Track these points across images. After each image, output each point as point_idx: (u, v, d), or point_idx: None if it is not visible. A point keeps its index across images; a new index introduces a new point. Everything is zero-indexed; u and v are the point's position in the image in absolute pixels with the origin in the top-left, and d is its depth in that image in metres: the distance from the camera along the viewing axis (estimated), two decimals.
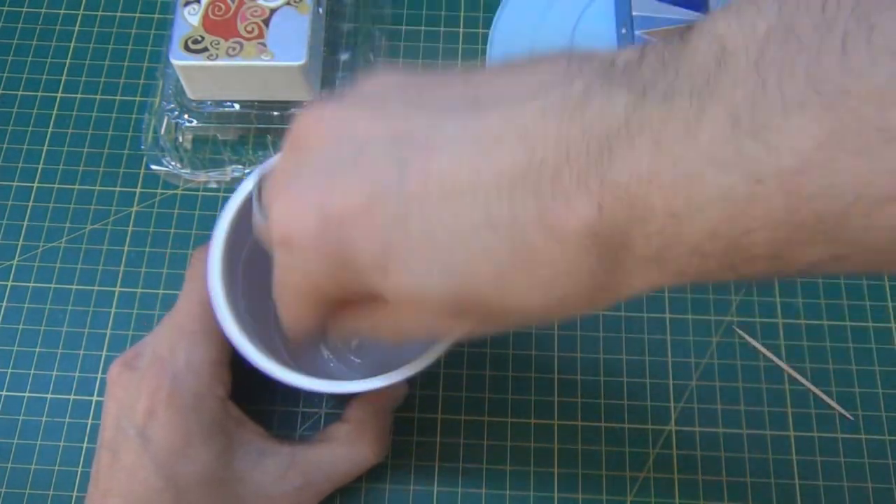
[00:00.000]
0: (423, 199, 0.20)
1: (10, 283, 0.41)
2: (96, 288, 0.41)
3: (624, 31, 0.43)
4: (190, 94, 0.42)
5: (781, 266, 0.18)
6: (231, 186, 0.43)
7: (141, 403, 0.29)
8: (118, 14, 0.47)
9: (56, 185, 0.43)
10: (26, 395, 0.39)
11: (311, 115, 0.22)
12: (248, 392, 0.32)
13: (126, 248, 0.41)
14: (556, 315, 0.21)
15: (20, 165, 0.44)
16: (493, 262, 0.20)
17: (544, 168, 0.18)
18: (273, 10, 0.41)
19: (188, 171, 0.42)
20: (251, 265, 0.32)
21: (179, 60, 0.40)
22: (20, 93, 0.45)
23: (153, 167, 0.43)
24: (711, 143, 0.17)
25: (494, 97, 0.20)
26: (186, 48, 0.40)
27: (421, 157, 0.20)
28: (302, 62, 0.39)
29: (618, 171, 0.18)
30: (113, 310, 0.40)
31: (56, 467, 0.37)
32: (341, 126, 0.21)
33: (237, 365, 0.31)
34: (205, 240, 0.42)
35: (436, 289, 0.20)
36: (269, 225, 0.22)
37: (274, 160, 0.24)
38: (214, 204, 0.42)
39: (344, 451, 0.33)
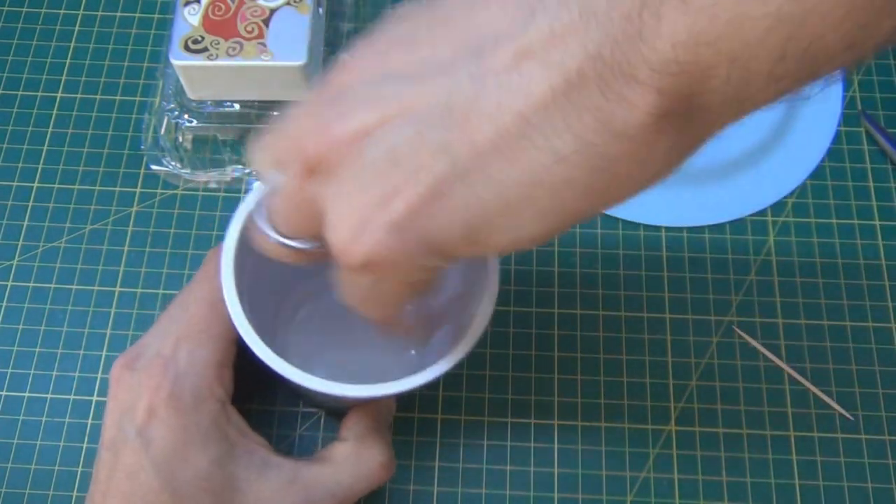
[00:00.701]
0: (483, 167, 0.19)
1: (10, 283, 0.41)
2: (96, 288, 0.41)
3: None
4: (190, 94, 0.42)
5: (860, 50, 0.17)
6: (231, 186, 0.43)
7: (142, 403, 0.29)
8: (118, 14, 0.47)
9: (56, 185, 0.43)
10: (26, 395, 0.39)
11: (314, 135, 0.21)
12: (248, 392, 0.32)
13: (126, 248, 0.41)
14: (654, 185, 0.20)
15: (20, 165, 0.44)
16: (575, 189, 0.19)
17: (584, 79, 0.17)
18: (273, 10, 0.41)
19: (188, 171, 0.42)
20: (257, 269, 0.32)
21: (179, 60, 0.40)
22: (20, 93, 0.45)
23: (153, 167, 0.43)
24: None
25: (492, 34, 0.19)
26: (186, 48, 0.40)
27: (456, 127, 0.19)
28: (302, 62, 0.39)
29: (660, 49, 0.17)
30: (113, 310, 0.40)
31: (56, 467, 0.37)
32: (353, 131, 0.20)
33: (239, 366, 0.31)
34: (205, 240, 0.42)
35: (533, 233, 0.20)
36: (339, 255, 0.21)
37: (273, 184, 0.24)
38: (214, 204, 0.42)
39: (346, 468, 0.32)
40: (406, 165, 0.19)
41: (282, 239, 0.24)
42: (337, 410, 0.37)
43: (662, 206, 0.42)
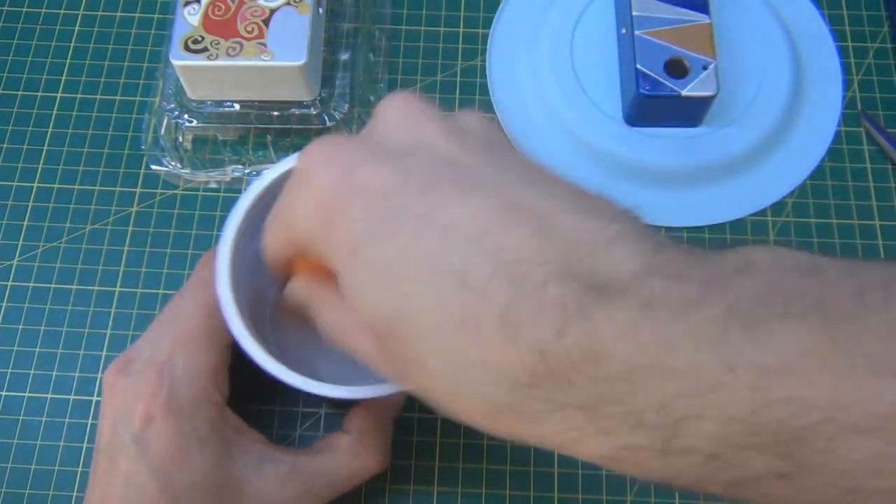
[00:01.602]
0: (427, 218, 0.20)
1: (10, 283, 0.41)
2: (96, 288, 0.41)
3: (624, 31, 0.43)
4: (190, 94, 0.42)
5: (715, 471, 0.17)
6: (231, 186, 0.43)
7: (138, 409, 0.29)
8: (118, 14, 0.47)
9: (56, 185, 0.43)
10: (26, 395, 0.39)
11: (404, 100, 0.24)
12: (248, 392, 0.32)
13: (126, 248, 0.41)
14: (450, 408, 0.21)
15: (20, 165, 0.44)
16: (438, 310, 0.19)
17: (539, 270, 0.18)
18: (273, 10, 0.41)
19: (188, 171, 0.42)
20: (253, 273, 0.32)
21: (179, 60, 0.40)
22: (20, 93, 0.45)
23: (153, 167, 0.43)
24: (700, 322, 0.17)
25: (549, 188, 0.21)
26: (186, 48, 0.40)
27: (457, 186, 0.20)
28: (302, 62, 0.39)
29: (597, 310, 0.18)
30: (113, 310, 0.40)
31: (56, 467, 0.37)
32: (422, 129, 0.22)
33: (238, 367, 0.31)
34: (205, 240, 0.42)
35: (376, 297, 0.21)
36: (304, 150, 0.23)
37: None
38: (214, 204, 0.42)
39: (347, 460, 0.32)
40: (402, 164, 0.21)
41: None
42: (342, 404, 0.37)
43: (663, 206, 0.42)
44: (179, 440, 0.28)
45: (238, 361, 0.31)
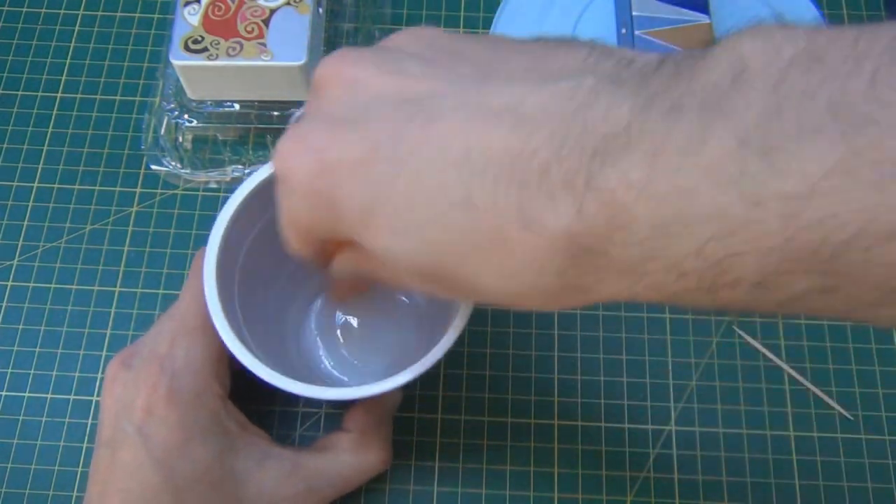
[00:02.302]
0: (413, 166, 0.20)
1: (10, 283, 0.41)
2: (96, 288, 0.41)
3: (624, 31, 0.43)
4: (190, 94, 0.42)
5: (763, 295, 0.18)
6: (231, 186, 0.43)
7: (139, 401, 0.29)
8: (118, 14, 0.47)
9: (56, 185, 0.43)
10: (26, 395, 0.39)
11: (332, 61, 0.23)
12: (248, 392, 0.32)
13: (126, 248, 0.41)
14: (518, 305, 0.21)
15: (20, 165, 0.44)
16: (464, 241, 0.20)
17: (534, 159, 0.18)
18: (273, 10, 0.41)
19: (188, 171, 0.42)
20: (248, 267, 0.32)
21: (179, 60, 0.40)
22: (20, 93, 0.45)
23: (153, 167, 0.43)
24: (713, 159, 0.17)
25: (506, 75, 0.20)
26: (186, 48, 0.40)
27: (420, 123, 0.20)
28: (302, 62, 0.39)
29: (606, 176, 0.17)
30: (113, 310, 0.40)
31: (56, 467, 0.37)
32: (356, 78, 0.22)
33: (238, 367, 0.31)
34: (205, 240, 0.42)
35: (407, 253, 0.21)
36: (273, 160, 0.23)
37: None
38: (214, 204, 0.42)
39: (348, 459, 0.32)
40: (365, 124, 0.21)
41: None
42: (340, 404, 0.37)
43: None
44: (181, 431, 0.29)
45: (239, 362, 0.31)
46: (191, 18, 0.41)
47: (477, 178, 0.19)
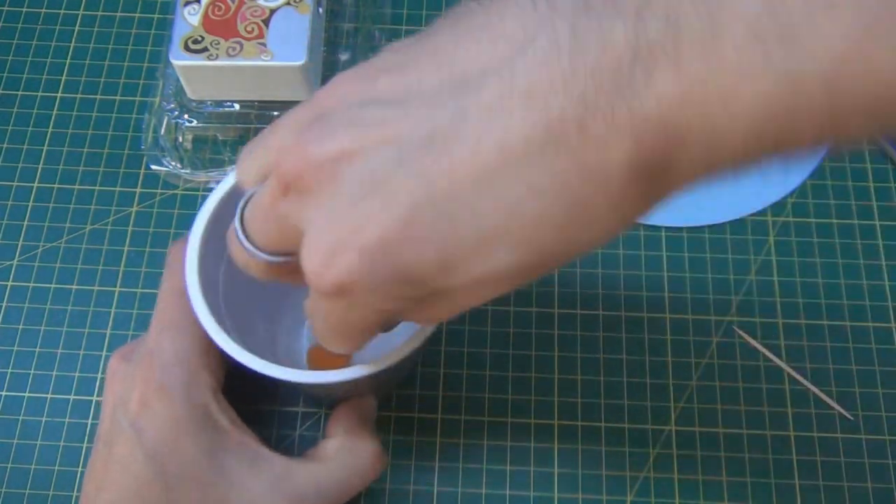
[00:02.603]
0: (458, 194, 0.19)
1: (10, 283, 0.41)
2: (96, 288, 0.41)
3: None
4: (190, 94, 0.42)
5: (827, 142, 0.18)
6: None
7: (134, 395, 0.29)
8: (118, 14, 0.47)
9: (56, 185, 0.43)
10: (26, 395, 0.39)
11: (292, 150, 0.21)
12: (248, 392, 0.32)
13: (126, 248, 0.41)
14: (612, 239, 0.21)
15: (20, 165, 0.44)
16: (550, 224, 0.19)
17: (565, 120, 0.18)
18: (273, 10, 0.41)
19: (188, 171, 0.42)
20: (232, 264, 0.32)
21: (179, 60, 0.40)
22: (20, 93, 0.45)
23: (153, 167, 0.43)
24: (736, 55, 0.17)
25: (479, 68, 0.19)
26: (186, 48, 0.40)
27: (436, 154, 0.19)
28: (302, 62, 0.39)
29: (644, 103, 0.17)
30: (113, 310, 0.40)
31: (56, 467, 0.37)
32: (339, 151, 0.20)
33: (237, 367, 0.31)
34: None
35: (509, 265, 0.20)
36: (311, 278, 0.21)
37: (251, 192, 0.24)
38: None
39: (337, 464, 0.31)
40: (383, 191, 0.19)
41: (255, 251, 0.24)
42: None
43: (662, 207, 0.42)
44: (173, 425, 0.28)
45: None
46: (191, 18, 0.41)
47: (524, 167, 0.18)
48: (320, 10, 0.43)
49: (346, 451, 0.32)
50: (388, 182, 0.19)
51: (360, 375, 0.28)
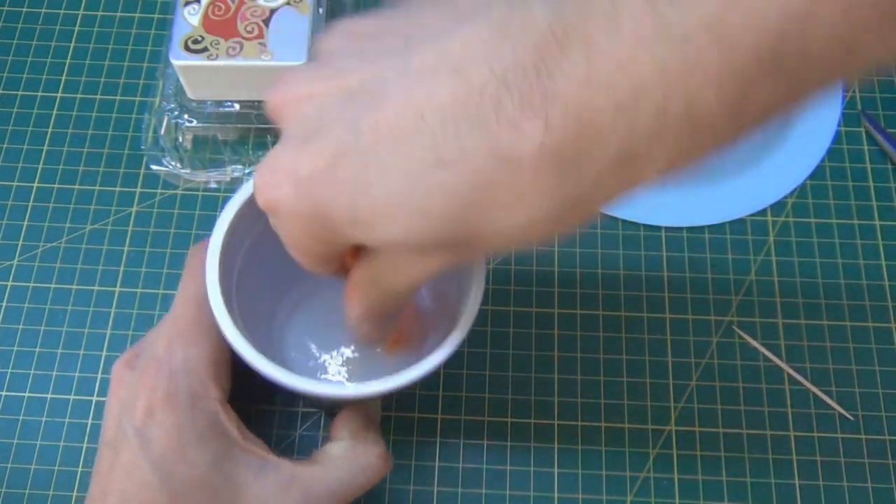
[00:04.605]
0: (377, 149, 0.20)
1: (10, 283, 0.41)
2: (96, 288, 0.41)
3: None
4: (190, 94, 0.42)
5: (734, 102, 0.18)
6: (231, 186, 0.43)
7: (140, 403, 0.29)
8: (118, 14, 0.47)
9: (56, 185, 0.43)
10: (26, 395, 0.39)
11: (277, 91, 0.23)
12: (248, 392, 0.32)
13: (126, 248, 0.41)
14: (530, 238, 0.21)
15: (20, 165, 0.44)
16: (453, 198, 0.20)
17: (484, 96, 0.18)
18: (273, 10, 0.41)
19: (188, 171, 0.42)
20: (247, 267, 0.32)
21: (179, 60, 0.40)
22: (20, 93, 0.45)
23: (153, 167, 0.43)
24: (632, 25, 0.17)
25: (424, 34, 0.20)
26: (186, 48, 0.40)
27: (369, 108, 0.20)
28: (302, 62, 0.39)
29: (557, 84, 0.18)
30: (113, 310, 0.40)
31: (56, 467, 0.37)
32: (301, 95, 0.22)
33: (237, 367, 0.31)
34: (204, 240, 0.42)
35: (409, 232, 0.21)
36: (254, 190, 0.23)
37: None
38: (214, 204, 0.42)
39: (344, 465, 0.31)
40: (323, 132, 0.21)
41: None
42: (335, 410, 0.37)
43: (662, 207, 0.42)
44: (179, 434, 0.28)
45: (240, 362, 0.31)
46: (191, 18, 0.41)
47: (439, 135, 0.19)
48: (320, 10, 0.43)
49: (352, 454, 0.32)
50: (329, 126, 0.21)
51: (392, 388, 0.28)
